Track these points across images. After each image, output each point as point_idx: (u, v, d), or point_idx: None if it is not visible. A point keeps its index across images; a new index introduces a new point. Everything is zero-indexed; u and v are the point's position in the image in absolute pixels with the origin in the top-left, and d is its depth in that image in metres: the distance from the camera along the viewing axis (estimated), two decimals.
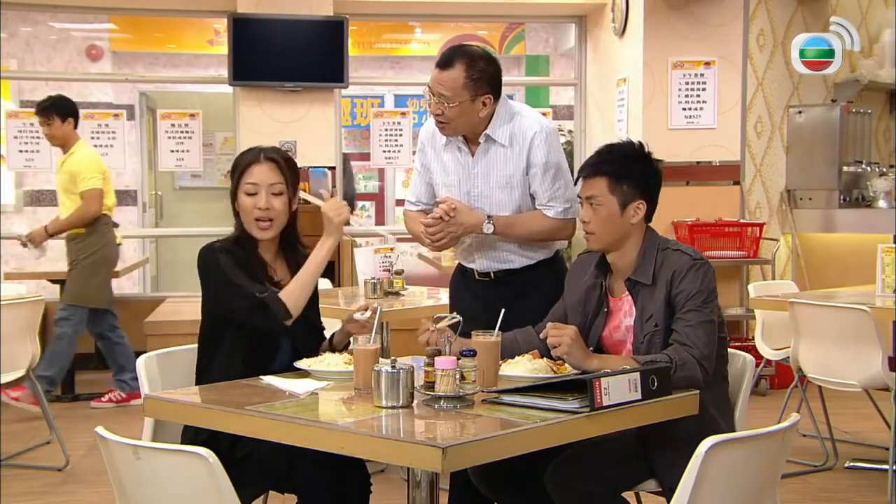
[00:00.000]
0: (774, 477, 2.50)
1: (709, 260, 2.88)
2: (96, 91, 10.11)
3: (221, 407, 2.52)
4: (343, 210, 2.95)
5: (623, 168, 2.87)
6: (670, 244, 2.90)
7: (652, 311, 2.81)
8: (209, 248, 2.95)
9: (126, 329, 6.44)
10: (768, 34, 7.05)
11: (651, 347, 2.78)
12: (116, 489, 2.40)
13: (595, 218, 2.87)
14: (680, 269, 2.80)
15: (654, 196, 2.90)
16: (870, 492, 4.57)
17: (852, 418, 5.63)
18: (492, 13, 8.19)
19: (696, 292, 2.77)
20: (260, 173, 2.97)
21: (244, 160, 3.01)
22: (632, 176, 2.86)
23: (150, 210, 10.14)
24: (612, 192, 2.85)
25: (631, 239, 2.89)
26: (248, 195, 2.96)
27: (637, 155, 2.91)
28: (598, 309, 2.95)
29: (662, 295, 2.80)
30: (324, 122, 7.33)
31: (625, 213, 2.85)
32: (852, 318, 4.33)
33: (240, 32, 7.06)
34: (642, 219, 2.88)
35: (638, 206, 2.86)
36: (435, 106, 3.26)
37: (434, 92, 3.24)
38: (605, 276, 2.97)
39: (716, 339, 2.78)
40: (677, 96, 6.88)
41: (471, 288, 3.53)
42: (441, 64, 3.24)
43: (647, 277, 2.84)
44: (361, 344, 2.66)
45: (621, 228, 2.87)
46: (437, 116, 3.28)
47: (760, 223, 6.77)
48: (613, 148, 2.95)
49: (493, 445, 2.21)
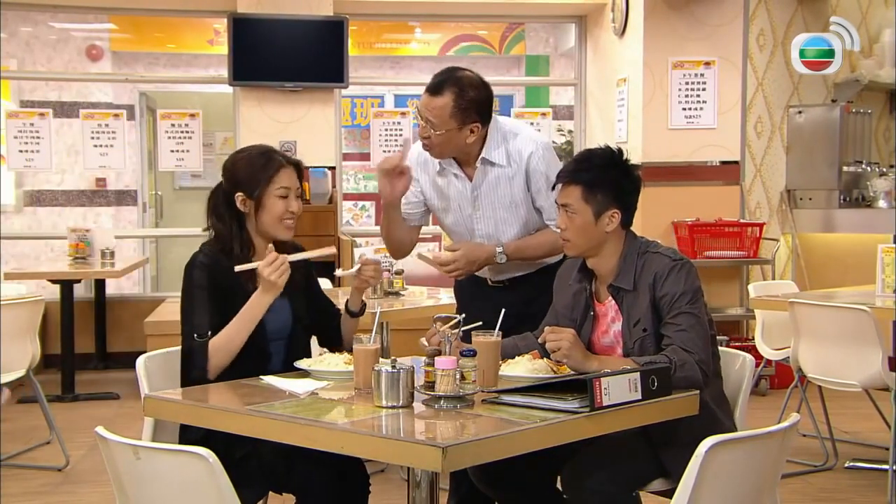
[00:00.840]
0: (774, 477, 2.50)
1: (705, 263, 2.87)
2: (96, 91, 10.12)
3: (221, 406, 2.52)
4: (283, 272, 2.87)
5: (597, 177, 2.85)
6: (650, 247, 2.89)
7: (638, 315, 2.82)
8: (193, 257, 2.96)
9: (126, 329, 6.44)
10: (768, 34, 7.05)
11: (643, 352, 2.78)
12: (116, 489, 2.40)
13: (570, 226, 2.87)
14: (661, 272, 2.80)
15: (629, 204, 2.88)
16: (870, 492, 4.57)
17: (852, 418, 5.63)
18: (492, 13, 8.19)
19: (681, 294, 2.77)
20: (288, 178, 3.00)
21: (272, 164, 2.99)
22: (606, 185, 2.85)
23: (149, 210, 10.15)
24: (587, 202, 2.84)
25: (609, 245, 2.88)
26: (279, 198, 2.98)
27: (613, 163, 2.89)
28: (585, 314, 2.96)
29: (647, 299, 2.80)
30: (324, 122, 7.33)
31: (599, 221, 2.85)
32: (852, 318, 4.33)
33: (240, 32, 7.06)
34: (619, 226, 2.87)
35: (612, 214, 2.85)
36: (422, 129, 3.25)
37: (422, 116, 3.23)
38: (590, 280, 2.97)
39: (709, 340, 2.79)
40: (677, 96, 6.88)
41: (484, 295, 3.47)
42: (431, 90, 3.20)
43: (628, 283, 2.84)
44: (362, 344, 2.66)
45: (596, 236, 2.86)
46: (424, 140, 3.27)
47: (760, 223, 6.78)
48: (590, 155, 2.93)
49: (493, 445, 2.21)
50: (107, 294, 7.43)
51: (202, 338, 2.86)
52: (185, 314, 2.90)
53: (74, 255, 6.97)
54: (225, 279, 2.91)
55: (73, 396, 6.47)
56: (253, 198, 2.98)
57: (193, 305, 2.89)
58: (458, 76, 3.22)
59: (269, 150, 3.06)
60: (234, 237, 2.98)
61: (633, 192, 2.90)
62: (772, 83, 7.07)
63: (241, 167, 3.02)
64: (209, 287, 2.90)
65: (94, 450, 4.93)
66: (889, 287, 4.70)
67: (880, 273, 4.75)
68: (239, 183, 3.00)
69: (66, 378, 6.50)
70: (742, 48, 6.93)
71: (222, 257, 2.95)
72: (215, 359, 2.84)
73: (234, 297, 2.91)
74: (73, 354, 6.56)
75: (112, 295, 7.63)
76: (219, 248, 2.98)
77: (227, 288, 2.91)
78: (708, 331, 2.79)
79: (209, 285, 2.90)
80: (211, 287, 2.90)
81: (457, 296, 3.67)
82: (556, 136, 8.81)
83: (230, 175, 3.04)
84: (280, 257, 2.87)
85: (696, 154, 6.90)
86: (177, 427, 2.87)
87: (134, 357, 3.02)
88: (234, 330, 2.86)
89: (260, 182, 2.97)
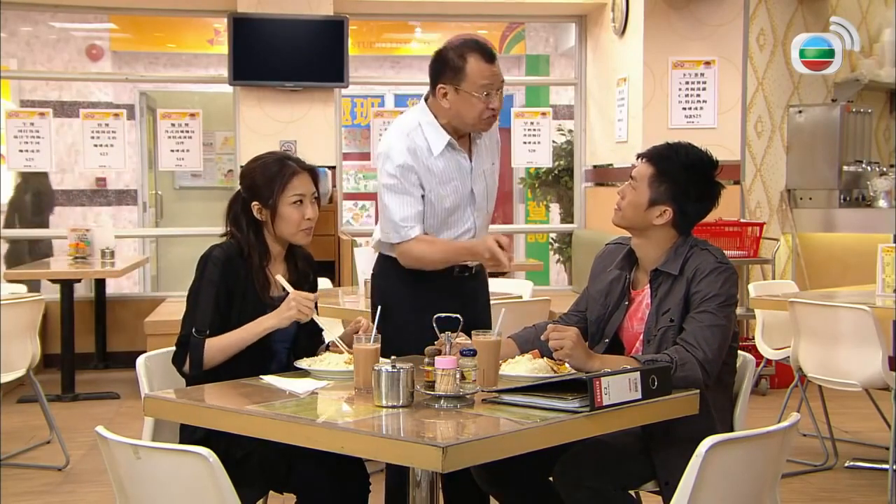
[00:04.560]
0: (774, 477, 2.50)
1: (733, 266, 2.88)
2: (96, 91, 10.13)
3: (221, 406, 2.52)
4: (306, 309, 2.90)
5: (671, 169, 2.87)
6: (701, 243, 2.91)
7: (670, 305, 2.82)
8: (210, 250, 2.97)
9: (126, 329, 6.44)
10: (768, 34, 7.05)
11: (663, 343, 2.79)
12: (116, 489, 2.40)
13: (627, 197, 2.91)
14: (703, 269, 2.81)
15: (687, 210, 2.88)
16: (870, 492, 4.57)
17: (852, 418, 5.63)
18: (492, 13, 8.19)
19: (714, 295, 2.78)
20: (302, 184, 3.00)
21: (285, 172, 2.99)
22: (674, 181, 2.86)
23: (150, 210, 10.15)
24: (650, 185, 2.87)
25: (657, 235, 2.89)
26: (293, 205, 2.98)
27: (693, 166, 2.88)
28: (619, 301, 2.96)
29: (682, 291, 2.81)
30: (324, 122, 7.33)
31: (650, 209, 2.87)
32: (852, 317, 4.33)
33: (240, 32, 7.06)
34: (669, 224, 2.87)
35: (665, 210, 2.86)
36: (495, 100, 3.24)
37: (497, 85, 3.21)
38: (631, 269, 2.98)
39: (726, 346, 2.78)
40: (677, 96, 6.88)
41: (446, 287, 3.31)
42: (493, 56, 3.23)
43: (674, 269, 2.85)
44: (362, 344, 2.66)
45: (643, 221, 2.89)
46: (494, 111, 3.23)
47: (760, 223, 6.77)
48: (682, 149, 2.92)
49: (493, 445, 2.21)
50: (107, 294, 7.43)
51: (200, 334, 2.87)
52: (190, 304, 2.93)
53: (74, 255, 6.98)
54: (235, 280, 2.92)
55: (73, 396, 6.47)
56: (268, 206, 2.98)
57: (199, 299, 2.91)
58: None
59: (283, 157, 3.06)
60: (251, 246, 2.99)
61: (696, 200, 2.88)
62: (772, 83, 7.07)
63: (256, 175, 3.02)
64: (218, 283, 2.91)
65: (94, 449, 4.93)
66: (889, 287, 4.70)
67: (880, 273, 4.75)
68: (254, 192, 3.00)
69: (66, 378, 6.49)
70: (742, 48, 6.93)
71: (237, 258, 2.96)
72: (208, 357, 2.87)
73: (240, 301, 2.94)
74: (73, 354, 6.55)
75: (112, 295, 7.63)
76: (237, 249, 2.98)
77: (235, 289, 2.93)
78: (728, 337, 2.79)
79: (218, 282, 2.91)
80: (220, 284, 2.91)
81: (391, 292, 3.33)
82: (557, 135, 8.80)
83: (246, 184, 3.04)
84: (311, 302, 2.91)
85: None
86: (177, 427, 2.87)
87: (134, 357, 3.03)
88: (235, 339, 2.89)
89: (274, 190, 2.97)
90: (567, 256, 9.17)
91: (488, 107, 3.18)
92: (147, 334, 6.39)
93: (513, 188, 10.54)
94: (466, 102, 3.18)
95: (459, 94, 3.18)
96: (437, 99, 3.25)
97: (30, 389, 5.50)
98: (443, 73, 3.22)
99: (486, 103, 3.17)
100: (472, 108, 3.18)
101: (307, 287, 3.07)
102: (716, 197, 2.92)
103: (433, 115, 3.27)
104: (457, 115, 3.22)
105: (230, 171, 9.17)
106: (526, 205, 10.59)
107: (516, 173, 10.14)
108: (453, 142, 3.27)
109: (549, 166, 8.42)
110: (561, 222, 9.58)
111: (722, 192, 2.93)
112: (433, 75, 3.26)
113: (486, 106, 3.18)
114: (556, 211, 9.94)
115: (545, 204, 10.04)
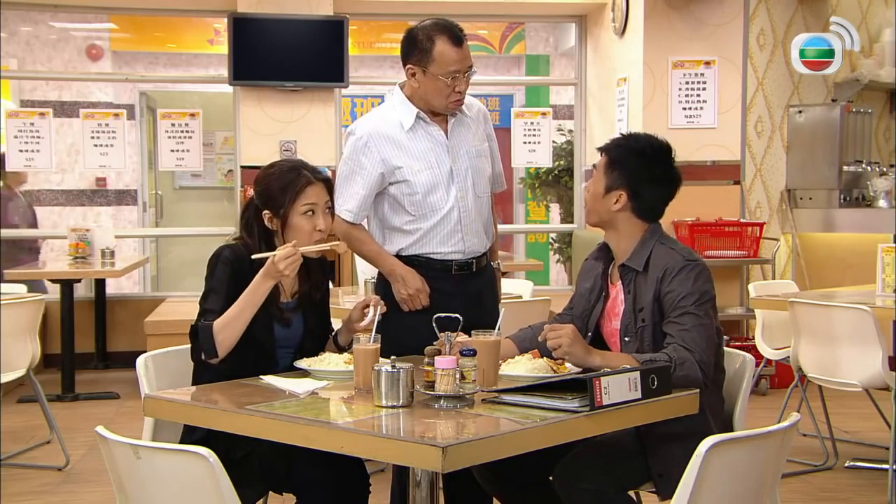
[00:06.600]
0: (774, 477, 2.50)
1: (706, 262, 2.88)
2: (96, 91, 10.13)
3: (221, 406, 2.52)
4: (296, 266, 2.85)
5: (622, 156, 2.92)
6: (668, 241, 2.92)
7: (643, 303, 2.83)
8: (219, 249, 2.96)
9: (126, 329, 6.44)
10: (768, 34, 7.05)
11: (642, 342, 2.79)
12: (116, 489, 2.40)
13: (590, 189, 2.97)
14: (671, 269, 2.81)
15: (641, 193, 2.90)
16: (870, 492, 4.57)
17: (852, 418, 5.63)
18: (492, 13, 8.19)
19: (687, 294, 2.77)
20: (315, 194, 2.96)
21: (298, 182, 2.95)
22: (626, 166, 2.90)
23: (150, 210, 10.15)
24: (604, 174, 2.93)
25: (623, 226, 2.92)
26: (304, 216, 2.95)
27: (643, 151, 2.92)
28: (599, 295, 2.99)
29: (653, 290, 2.81)
30: (324, 122, 7.33)
31: (606, 196, 2.91)
32: (852, 317, 4.33)
33: (240, 32, 7.06)
34: (629, 211, 2.90)
35: (619, 195, 2.89)
36: (465, 83, 3.27)
37: (465, 69, 3.24)
38: (608, 262, 3.01)
39: (713, 343, 2.78)
40: (677, 96, 6.88)
41: (448, 286, 3.32)
42: (460, 40, 3.25)
43: (638, 264, 2.87)
44: (361, 344, 2.66)
45: (604, 210, 2.93)
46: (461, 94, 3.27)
47: (760, 223, 6.77)
48: (632, 137, 2.98)
49: (493, 445, 2.21)
50: (107, 294, 7.43)
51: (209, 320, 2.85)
52: (203, 297, 2.92)
53: (74, 255, 6.98)
54: (243, 283, 2.90)
55: (73, 396, 6.47)
56: (279, 216, 2.95)
57: (209, 294, 2.90)
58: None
59: (298, 166, 3.02)
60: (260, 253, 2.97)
61: (649, 183, 2.90)
62: (772, 83, 7.07)
63: (269, 183, 2.99)
64: (227, 282, 2.90)
65: (94, 449, 4.93)
66: (889, 287, 4.70)
67: (880, 273, 4.75)
68: (266, 200, 2.98)
69: (66, 378, 6.49)
70: (742, 48, 6.93)
71: (246, 259, 2.94)
72: (220, 336, 2.81)
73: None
74: (73, 354, 6.56)
75: (112, 294, 7.63)
76: (246, 250, 2.96)
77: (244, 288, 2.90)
78: (713, 335, 2.78)
79: (228, 281, 2.90)
80: (230, 283, 2.90)
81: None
82: (557, 135, 8.80)
83: (259, 191, 3.01)
84: (297, 252, 2.86)
85: (697, 154, 6.90)
86: (177, 427, 2.87)
87: (134, 357, 3.03)
88: (237, 310, 2.84)
89: (286, 200, 2.94)
90: (567, 256, 9.17)
91: (455, 90, 3.21)
92: (147, 334, 6.40)
93: (513, 188, 10.54)
94: (433, 85, 3.21)
95: (427, 76, 3.22)
96: (406, 78, 3.29)
97: (30, 389, 5.50)
98: (411, 53, 3.25)
99: (452, 86, 3.20)
100: (438, 90, 3.22)
101: (319, 295, 3.07)
102: (673, 181, 2.94)
103: (405, 95, 3.33)
104: (424, 96, 3.27)
105: (230, 172, 9.18)
106: (526, 205, 10.59)
107: (516, 173, 10.14)
108: (423, 115, 3.29)
109: (549, 166, 8.41)
110: (561, 222, 9.58)
111: (681, 178, 2.95)
112: (403, 55, 3.29)
113: (452, 89, 3.21)
114: (556, 211, 9.94)
115: (545, 204, 10.04)
